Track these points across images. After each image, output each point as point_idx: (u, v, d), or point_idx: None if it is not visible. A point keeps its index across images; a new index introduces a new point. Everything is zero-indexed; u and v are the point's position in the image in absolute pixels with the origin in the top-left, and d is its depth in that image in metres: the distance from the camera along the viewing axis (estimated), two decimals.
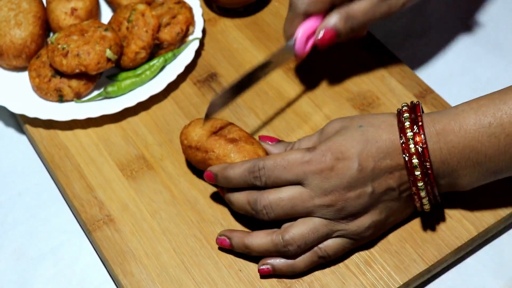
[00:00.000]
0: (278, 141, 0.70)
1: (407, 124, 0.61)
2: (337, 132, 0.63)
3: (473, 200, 0.67)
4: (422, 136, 0.60)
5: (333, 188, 0.61)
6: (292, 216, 0.63)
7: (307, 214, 0.62)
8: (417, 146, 0.60)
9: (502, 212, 0.67)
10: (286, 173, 0.62)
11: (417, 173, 0.60)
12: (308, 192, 0.61)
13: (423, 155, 0.60)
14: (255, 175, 0.63)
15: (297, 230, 0.62)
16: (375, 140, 0.61)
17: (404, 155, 0.60)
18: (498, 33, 0.87)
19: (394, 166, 0.61)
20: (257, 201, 0.63)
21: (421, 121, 0.60)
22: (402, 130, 0.61)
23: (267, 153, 0.68)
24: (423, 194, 0.61)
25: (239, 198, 0.65)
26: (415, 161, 0.60)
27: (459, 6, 0.90)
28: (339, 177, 0.61)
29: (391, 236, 0.66)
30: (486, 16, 0.89)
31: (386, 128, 0.62)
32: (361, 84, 0.79)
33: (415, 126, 0.60)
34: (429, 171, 0.60)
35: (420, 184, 0.61)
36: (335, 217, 0.62)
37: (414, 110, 0.62)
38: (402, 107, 0.63)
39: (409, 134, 0.60)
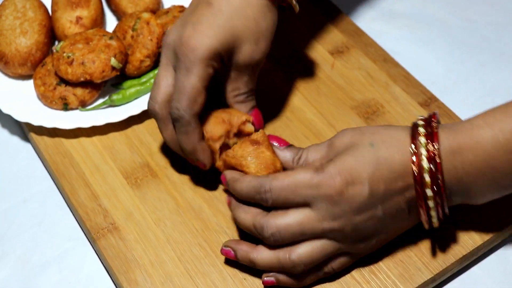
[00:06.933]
0: (287, 145, 0.67)
1: (422, 141, 0.58)
2: (347, 149, 0.60)
3: (478, 209, 0.67)
4: (437, 156, 0.57)
5: (342, 213, 0.59)
6: (300, 239, 0.61)
7: (315, 237, 0.61)
8: (430, 165, 0.57)
9: (508, 221, 0.67)
10: (293, 196, 0.59)
11: (428, 191, 0.58)
12: (316, 215, 0.60)
13: (436, 171, 0.57)
14: (261, 196, 0.61)
15: (305, 250, 0.60)
16: (387, 161, 0.58)
17: (414, 171, 0.58)
18: (502, 40, 0.87)
19: (405, 187, 0.59)
20: (263, 228, 0.61)
21: (438, 141, 0.57)
22: (415, 145, 0.58)
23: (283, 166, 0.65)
24: (433, 213, 0.60)
25: (245, 219, 0.63)
26: (427, 179, 0.58)
27: (463, 14, 0.90)
28: (349, 202, 0.58)
29: (396, 245, 0.66)
30: (490, 23, 0.89)
31: (398, 146, 0.59)
32: (365, 92, 0.79)
33: (429, 146, 0.58)
34: (442, 190, 0.58)
35: (430, 203, 0.59)
36: (343, 240, 0.61)
37: (430, 125, 0.59)
38: (418, 120, 0.60)
39: (424, 153, 0.58)
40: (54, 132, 0.77)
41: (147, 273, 0.66)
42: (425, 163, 0.58)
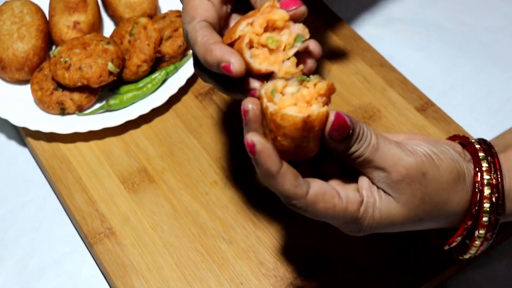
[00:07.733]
0: (348, 132, 0.51)
1: (482, 232, 0.55)
2: (397, 201, 0.53)
3: None
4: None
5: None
6: None
7: None
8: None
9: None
10: (326, 220, 0.54)
11: (477, 242, 0.56)
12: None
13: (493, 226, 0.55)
14: (291, 207, 0.52)
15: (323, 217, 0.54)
16: (425, 228, 0.56)
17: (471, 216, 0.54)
18: (498, 45, 0.87)
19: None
20: (289, 203, 0.53)
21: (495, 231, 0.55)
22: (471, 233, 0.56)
23: None
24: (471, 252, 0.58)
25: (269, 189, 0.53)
26: (482, 231, 0.55)
27: (460, 19, 0.90)
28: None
29: (394, 249, 0.66)
30: (487, 28, 0.89)
31: (448, 225, 0.56)
32: (362, 96, 0.79)
33: (488, 235, 0.55)
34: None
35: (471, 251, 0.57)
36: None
37: (496, 209, 0.54)
38: (485, 203, 0.54)
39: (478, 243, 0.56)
40: (51, 137, 0.77)
41: (144, 278, 0.66)
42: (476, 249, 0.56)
